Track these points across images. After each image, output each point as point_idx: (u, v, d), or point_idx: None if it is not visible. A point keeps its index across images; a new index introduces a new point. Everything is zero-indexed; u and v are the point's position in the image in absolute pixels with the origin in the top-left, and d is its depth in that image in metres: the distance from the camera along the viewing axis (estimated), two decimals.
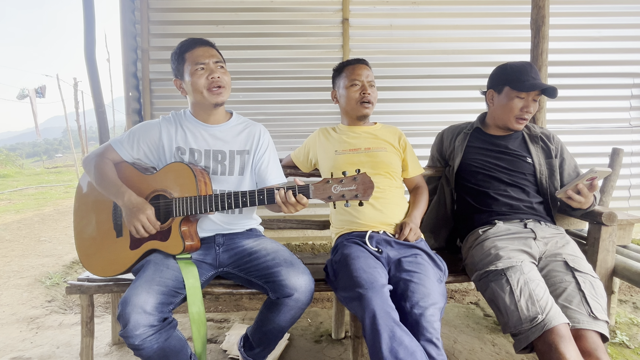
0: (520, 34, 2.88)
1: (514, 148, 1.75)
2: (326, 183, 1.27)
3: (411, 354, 1.16)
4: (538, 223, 1.64)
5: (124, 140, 1.54)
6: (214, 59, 1.50)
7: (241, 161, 1.58)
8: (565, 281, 1.38)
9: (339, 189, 1.26)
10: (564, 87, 2.94)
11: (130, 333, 1.21)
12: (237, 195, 1.35)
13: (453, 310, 2.46)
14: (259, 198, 1.34)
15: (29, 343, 2.10)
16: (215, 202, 1.37)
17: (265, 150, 1.63)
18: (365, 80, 1.71)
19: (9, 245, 3.94)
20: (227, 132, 1.59)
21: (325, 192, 1.27)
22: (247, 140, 1.61)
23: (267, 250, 1.48)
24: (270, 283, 1.40)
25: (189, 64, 1.48)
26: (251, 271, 1.47)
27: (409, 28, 2.94)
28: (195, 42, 1.51)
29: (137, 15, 2.83)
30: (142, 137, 1.54)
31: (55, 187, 9.84)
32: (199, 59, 1.48)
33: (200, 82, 1.47)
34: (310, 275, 1.43)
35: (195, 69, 1.47)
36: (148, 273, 1.33)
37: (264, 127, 1.69)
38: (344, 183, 1.26)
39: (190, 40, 1.52)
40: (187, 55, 1.49)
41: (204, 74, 1.48)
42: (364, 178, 1.25)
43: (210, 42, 1.55)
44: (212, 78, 1.48)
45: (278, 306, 1.39)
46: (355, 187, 1.25)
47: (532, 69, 1.68)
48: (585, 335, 1.24)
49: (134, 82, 2.86)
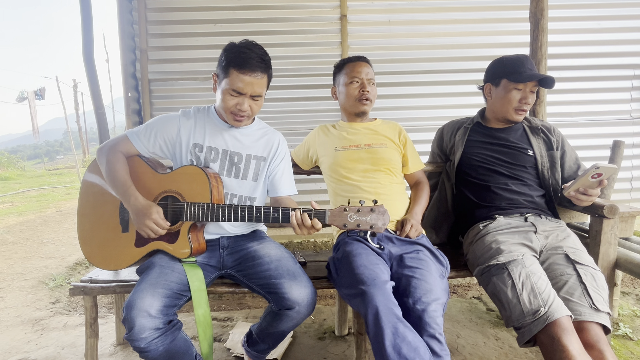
0: (519, 27, 2.86)
1: (514, 140, 1.75)
2: (343, 211, 1.30)
3: (414, 349, 1.17)
4: (538, 217, 1.64)
5: (140, 132, 1.51)
6: (253, 93, 1.42)
7: (256, 167, 1.57)
8: (566, 274, 1.38)
9: (354, 217, 1.29)
10: (563, 79, 2.92)
11: (135, 337, 1.21)
12: (251, 209, 1.35)
13: (456, 305, 2.46)
14: (273, 216, 1.33)
15: (34, 344, 2.11)
16: (228, 213, 1.36)
17: (282, 160, 1.62)
18: (364, 77, 1.71)
19: (12, 247, 3.95)
20: (247, 136, 1.57)
21: (341, 219, 1.30)
22: (265, 147, 1.59)
23: (271, 258, 1.47)
24: (273, 294, 1.39)
25: (230, 83, 1.39)
26: (253, 278, 1.46)
27: (408, 23, 2.92)
28: (246, 65, 1.37)
29: (135, 15, 2.83)
30: (159, 131, 1.51)
31: (57, 188, 9.86)
32: (239, 87, 1.39)
33: (230, 103, 1.42)
34: (312, 288, 1.42)
35: (231, 92, 1.40)
36: (153, 276, 1.33)
37: (282, 137, 1.66)
38: (360, 213, 1.29)
39: (244, 55, 1.37)
40: (232, 72, 1.38)
41: (236, 100, 1.42)
42: (381, 210, 1.29)
43: (263, 66, 1.41)
44: (239, 108, 1.42)
45: (280, 316, 1.40)
46: (371, 219, 1.29)
47: (528, 61, 1.69)
48: (587, 327, 1.25)
49: (133, 83, 2.86)
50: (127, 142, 1.50)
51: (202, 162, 1.51)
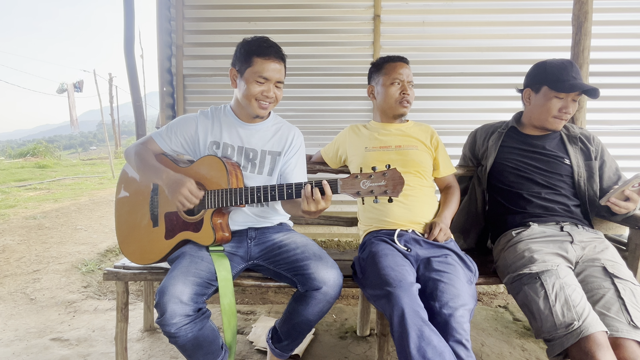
0: (560, 31, 2.77)
1: (550, 149, 1.69)
2: (355, 178, 1.26)
3: (439, 354, 1.15)
4: (575, 226, 1.58)
5: (162, 132, 1.61)
6: (277, 80, 1.50)
7: (272, 162, 1.61)
8: (603, 287, 1.32)
9: (367, 184, 1.24)
10: (605, 86, 2.80)
11: (167, 321, 1.26)
12: (266, 188, 1.37)
13: (481, 313, 2.41)
14: (287, 192, 1.35)
15: (67, 325, 2.21)
16: (245, 195, 1.39)
17: (295, 153, 1.65)
18: (405, 79, 1.70)
19: (48, 232, 4.13)
20: (262, 132, 1.62)
21: (354, 187, 1.26)
22: (279, 142, 1.63)
23: (297, 244, 1.50)
24: (299, 276, 1.42)
25: (254, 71, 1.47)
26: (280, 264, 1.49)
27: (442, 25, 2.87)
28: (268, 53, 1.47)
29: (172, 12, 2.90)
30: (179, 130, 1.60)
31: (90, 178, 10.24)
32: (265, 73, 1.47)
33: (256, 90, 1.48)
34: (338, 270, 1.44)
35: (256, 79, 1.47)
36: (184, 264, 1.37)
37: (298, 131, 1.70)
38: (373, 179, 1.24)
39: (265, 45, 1.48)
40: (256, 60, 1.46)
41: (261, 87, 1.48)
42: (394, 174, 1.22)
43: (282, 56, 1.53)
44: (265, 94, 1.49)
45: (306, 299, 1.41)
46: (385, 183, 1.23)
47: (572, 68, 1.61)
48: (624, 344, 1.19)
49: (168, 78, 2.94)
50: (152, 142, 1.61)
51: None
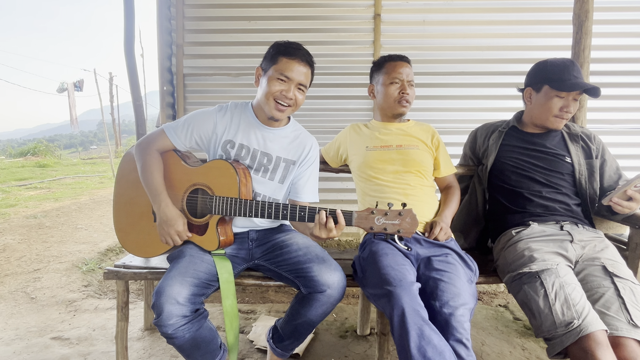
0: (560, 30, 2.77)
1: (552, 147, 1.70)
2: (370, 213, 1.28)
3: (440, 353, 1.15)
4: (575, 225, 1.58)
5: (178, 127, 1.52)
6: (299, 82, 1.45)
7: (285, 169, 1.57)
8: (603, 286, 1.33)
9: (382, 221, 1.26)
10: (606, 85, 2.80)
11: (163, 322, 1.25)
12: (277, 207, 1.36)
13: (481, 312, 2.41)
14: (299, 215, 1.34)
15: (68, 324, 2.21)
16: (255, 209, 1.38)
17: (309, 166, 1.62)
18: (405, 79, 1.69)
19: (48, 231, 4.14)
20: (280, 138, 1.57)
21: (368, 222, 1.28)
22: (296, 151, 1.59)
23: (299, 245, 1.50)
24: (302, 278, 1.41)
25: (277, 69, 1.43)
26: (282, 265, 1.48)
27: (443, 24, 2.88)
28: (295, 54, 1.44)
29: (172, 11, 2.91)
30: (196, 127, 1.52)
31: (90, 177, 10.25)
32: (288, 72, 1.43)
33: (275, 88, 1.43)
34: (342, 272, 1.44)
35: (278, 77, 1.43)
36: (182, 264, 1.36)
37: (315, 142, 1.66)
38: (388, 216, 1.26)
39: (294, 47, 1.46)
40: (282, 59, 1.43)
41: (282, 86, 1.43)
42: (409, 214, 1.25)
43: (310, 61, 1.49)
44: (284, 94, 1.44)
45: (310, 301, 1.40)
46: (399, 222, 1.25)
47: (573, 67, 1.61)
48: (624, 343, 1.19)
49: (169, 77, 2.94)
50: (164, 137, 1.52)
51: (232, 158, 1.52)
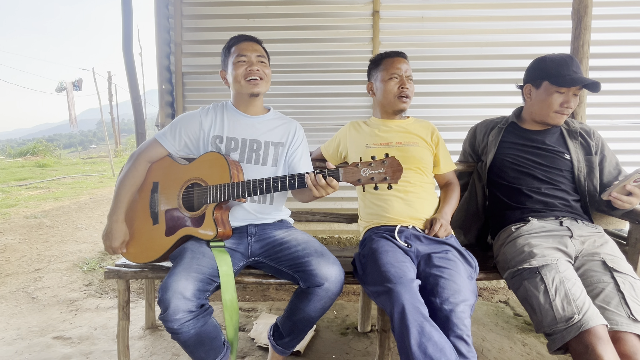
0: (559, 25, 2.76)
1: (551, 143, 1.69)
2: (355, 166, 1.30)
3: (440, 349, 1.16)
4: (575, 221, 1.59)
5: (167, 133, 1.61)
6: (256, 53, 1.58)
7: (275, 153, 1.63)
8: (603, 281, 1.33)
9: (367, 172, 1.29)
10: (606, 80, 2.77)
11: (169, 317, 1.26)
12: (268, 180, 1.39)
13: (482, 308, 2.41)
14: (289, 182, 1.37)
15: (69, 324, 2.22)
16: (248, 188, 1.41)
17: (299, 145, 1.69)
18: (404, 74, 1.69)
19: (49, 231, 4.14)
20: (264, 124, 1.65)
21: (355, 175, 1.30)
22: (282, 134, 1.66)
23: (298, 241, 1.51)
24: (301, 272, 1.42)
25: (233, 56, 1.58)
26: (282, 261, 1.49)
27: (442, 20, 2.86)
28: (242, 37, 1.61)
29: (170, 9, 2.89)
30: (183, 128, 1.60)
31: (90, 176, 10.25)
32: (242, 51, 1.57)
33: (239, 71, 1.56)
34: (340, 266, 1.45)
35: (237, 60, 1.56)
36: (186, 260, 1.37)
37: (299, 125, 1.75)
38: (373, 166, 1.29)
39: (238, 35, 1.63)
40: (233, 48, 1.60)
41: (244, 65, 1.56)
42: (393, 161, 1.27)
43: (256, 38, 1.65)
44: (250, 70, 1.55)
45: (308, 295, 1.41)
46: (384, 170, 1.28)
47: (572, 62, 1.61)
48: (624, 337, 1.20)
49: (167, 75, 2.93)
50: (157, 145, 1.60)
51: (222, 152, 1.58)
